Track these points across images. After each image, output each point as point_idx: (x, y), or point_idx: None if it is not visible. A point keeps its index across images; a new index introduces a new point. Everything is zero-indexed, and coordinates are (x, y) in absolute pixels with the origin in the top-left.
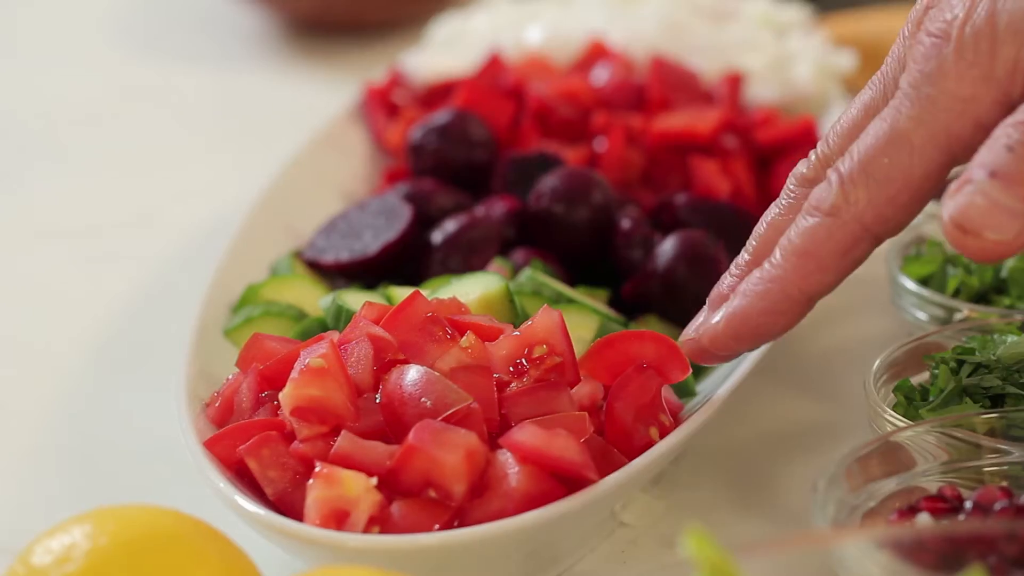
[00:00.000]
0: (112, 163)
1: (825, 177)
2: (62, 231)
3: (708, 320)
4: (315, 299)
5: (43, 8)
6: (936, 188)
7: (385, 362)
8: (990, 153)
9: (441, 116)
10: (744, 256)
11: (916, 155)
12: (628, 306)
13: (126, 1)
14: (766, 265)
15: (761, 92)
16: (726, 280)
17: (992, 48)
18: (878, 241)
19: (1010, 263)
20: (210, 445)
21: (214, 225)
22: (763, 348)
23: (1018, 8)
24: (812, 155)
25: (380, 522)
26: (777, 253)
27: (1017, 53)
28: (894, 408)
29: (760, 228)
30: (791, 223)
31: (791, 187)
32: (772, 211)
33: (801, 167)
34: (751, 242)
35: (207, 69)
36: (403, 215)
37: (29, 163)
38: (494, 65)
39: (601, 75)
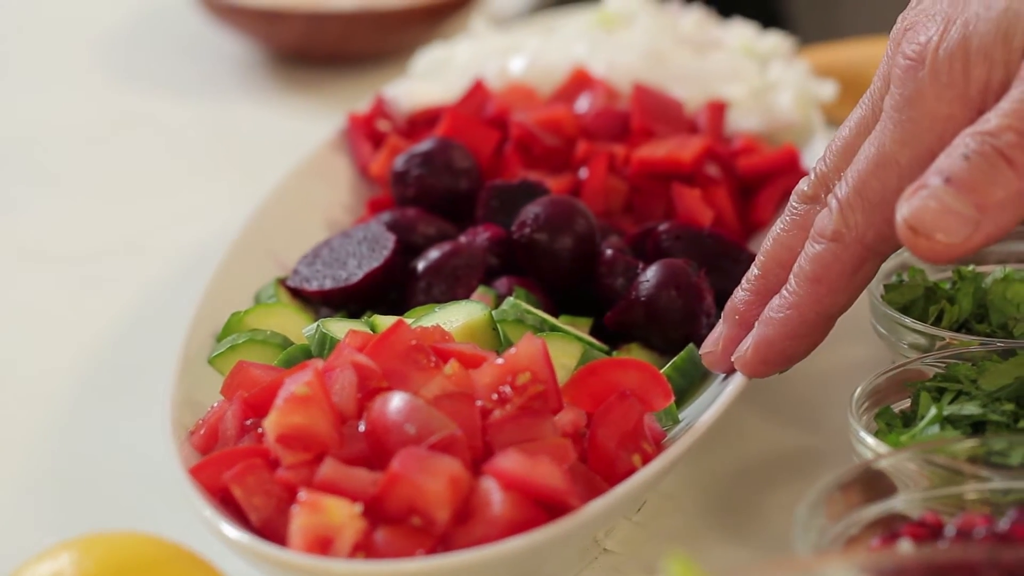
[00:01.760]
0: (98, 189)
1: (824, 195)
2: (48, 257)
3: (727, 339)
4: (299, 327)
5: (30, 34)
6: None
7: (369, 390)
8: (947, 160)
9: (424, 144)
10: (754, 271)
11: (904, 176)
12: (611, 334)
13: (114, 28)
14: (784, 292)
15: (743, 121)
16: (738, 294)
17: (965, 69)
18: (883, 257)
19: (991, 290)
20: (195, 472)
21: (199, 252)
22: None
23: (988, 32)
24: (812, 173)
25: (364, 549)
26: (792, 280)
27: (988, 74)
28: (876, 435)
29: (767, 244)
30: (795, 238)
31: (794, 204)
32: (777, 227)
33: (802, 185)
34: (760, 257)
35: (194, 96)
36: (387, 243)
37: (15, 188)
38: (477, 91)
39: (584, 104)
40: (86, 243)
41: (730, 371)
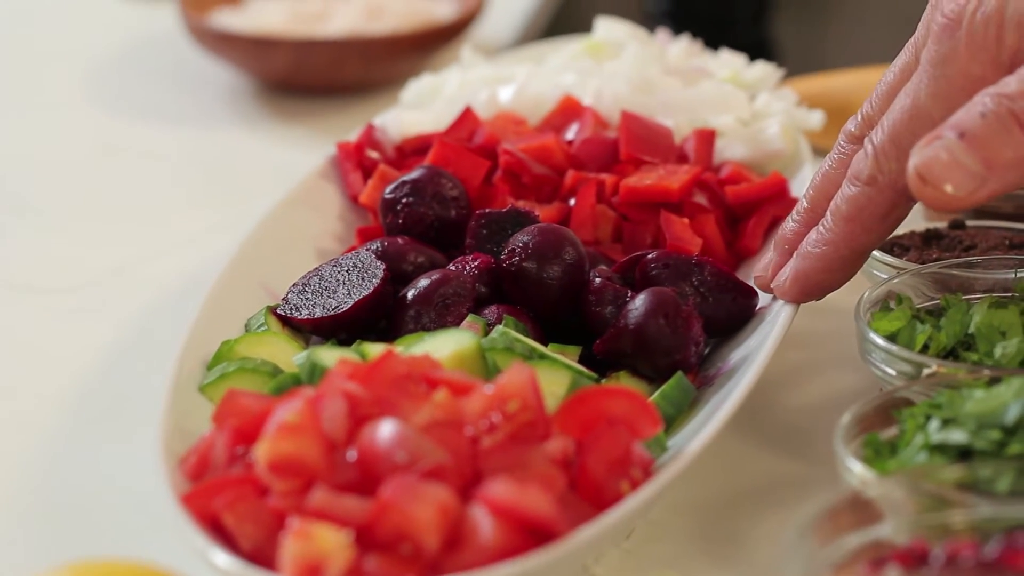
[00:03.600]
0: (87, 219)
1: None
2: (39, 286)
3: (775, 267)
4: (289, 355)
5: (20, 64)
6: None
7: (359, 418)
8: (964, 115)
9: (413, 173)
10: (803, 203)
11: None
12: (600, 362)
13: (103, 57)
14: (821, 228)
15: (731, 150)
16: (788, 225)
17: (999, 35)
18: (914, 202)
19: (977, 318)
20: (187, 500)
21: (189, 281)
22: (734, 403)
23: (1022, 3)
24: (858, 115)
25: (354, 575)
26: (828, 218)
27: (1018, 43)
28: (863, 462)
29: (816, 179)
30: (841, 175)
31: (841, 143)
32: (826, 164)
33: (849, 125)
34: (808, 191)
35: (183, 126)
36: (376, 272)
37: (5, 218)
38: (467, 119)
39: (574, 132)
40: (76, 273)
41: (791, 300)
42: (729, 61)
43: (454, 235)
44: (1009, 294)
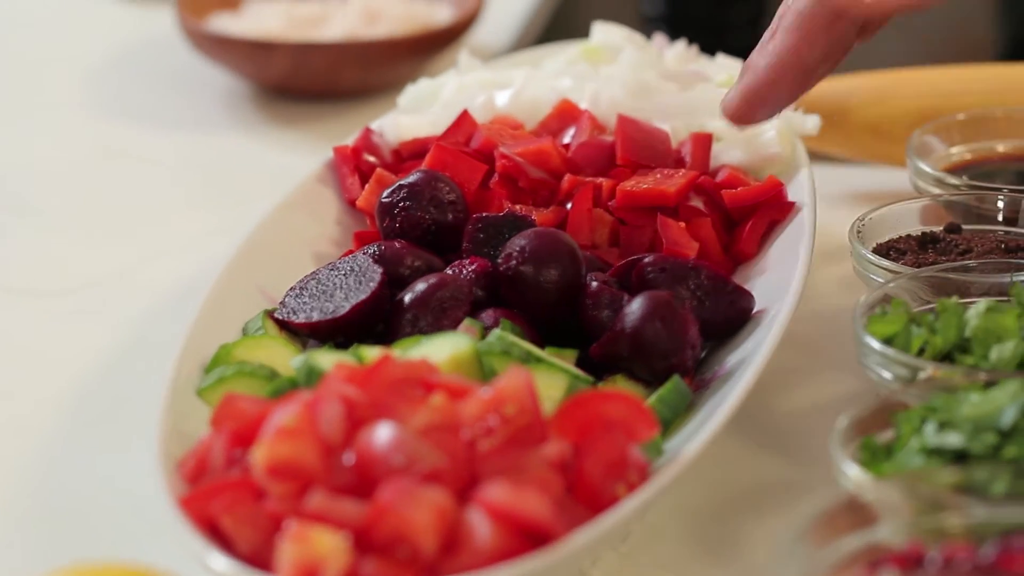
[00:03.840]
0: (85, 222)
1: None
2: (36, 290)
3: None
4: (287, 359)
5: (17, 67)
6: None
7: (356, 421)
8: None
9: (410, 177)
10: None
11: None
12: (596, 366)
13: (101, 61)
14: (768, 43)
15: (728, 154)
16: (753, 55)
17: None
18: (854, 21)
19: (973, 322)
20: (184, 503)
21: (187, 285)
22: (732, 406)
23: None
24: None
25: None
26: (777, 31)
27: None
28: (859, 466)
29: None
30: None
31: None
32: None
33: None
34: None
35: (181, 130)
36: (374, 276)
37: (4, 219)
38: (464, 123)
39: (571, 136)
40: (73, 276)
41: (738, 120)
42: (726, 65)
43: (451, 239)
44: (1005, 298)
